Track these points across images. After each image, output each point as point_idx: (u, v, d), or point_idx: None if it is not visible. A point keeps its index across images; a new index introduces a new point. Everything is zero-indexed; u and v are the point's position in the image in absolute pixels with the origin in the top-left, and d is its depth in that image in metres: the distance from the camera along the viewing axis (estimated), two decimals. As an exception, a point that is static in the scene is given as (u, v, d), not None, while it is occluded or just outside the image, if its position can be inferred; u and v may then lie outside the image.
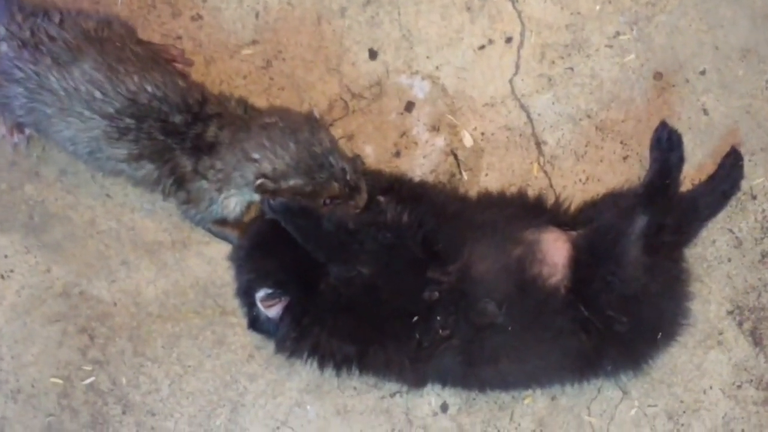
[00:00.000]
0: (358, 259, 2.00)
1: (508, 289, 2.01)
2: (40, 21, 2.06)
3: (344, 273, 2.01)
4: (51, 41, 2.03)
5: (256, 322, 2.14)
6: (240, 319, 2.28)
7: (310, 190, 2.02)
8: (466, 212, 2.15)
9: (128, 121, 2.04)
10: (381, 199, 2.12)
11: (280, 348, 2.15)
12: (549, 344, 2.04)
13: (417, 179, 2.29)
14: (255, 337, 2.30)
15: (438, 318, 2.01)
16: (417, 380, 2.16)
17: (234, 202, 2.14)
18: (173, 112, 2.06)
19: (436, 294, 2.01)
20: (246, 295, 2.14)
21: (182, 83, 2.11)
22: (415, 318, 2.01)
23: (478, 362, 2.07)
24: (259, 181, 2.00)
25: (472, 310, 2.00)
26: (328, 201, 2.04)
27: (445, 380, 2.18)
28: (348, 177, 2.04)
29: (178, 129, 2.07)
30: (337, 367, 2.12)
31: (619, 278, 1.99)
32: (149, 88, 2.04)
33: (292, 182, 2.01)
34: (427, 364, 2.07)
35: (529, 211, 2.18)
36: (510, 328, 2.00)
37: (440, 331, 2.02)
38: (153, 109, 2.05)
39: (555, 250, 2.06)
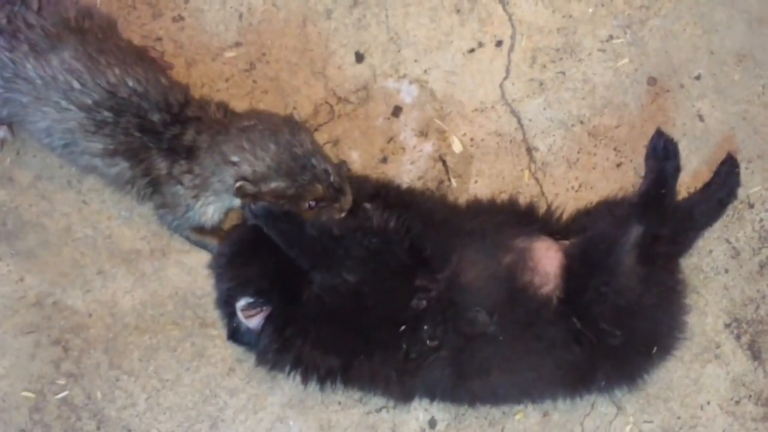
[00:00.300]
0: (343, 265, 1.93)
1: (499, 298, 1.94)
2: (18, 8, 1.99)
3: (329, 280, 1.94)
4: (29, 28, 1.97)
5: (236, 334, 2.06)
6: (220, 331, 2.20)
7: (292, 193, 1.95)
8: (455, 219, 2.09)
9: (106, 114, 1.98)
10: (367, 205, 2.05)
11: (261, 360, 2.07)
12: (541, 356, 1.97)
13: (404, 186, 2.22)
14: (236, 350, 2.21)
15: (426, 328, 1.94)
16: (404, 394, 2.08)
17: (212, 209, 2.07)
18: (152, 109, 1.99)
19: (424, 303, 1.94)
20: (226, 304, 2.06)
21: (165, 81, 2.05)
22: (403, 327, 1.94)
23: (468, 374, 1.99)
24: (238, 184, 1.93)
25: (462, 319, 1.94)
26: (312, 204, 1.97)
27: (433, 394, 2.10)
28: (331, 179, 1.97)
29: (155, 128, 2.00)
30: (321, 381, 2.05)
31: (613, 289, 1.92)
32: (130, 83, 1.98)
33: (273, 185, 1.94)
34: (414, 376, 2.00)
35: (519, 218, 2.11)
36: (501, 338, 1.93)
37: (428, 341, 1.95)
38: (132, 105, 1.98)
39: (547, 259, 1.99)
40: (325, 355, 2.00)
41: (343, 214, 2.00)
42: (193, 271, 2.24)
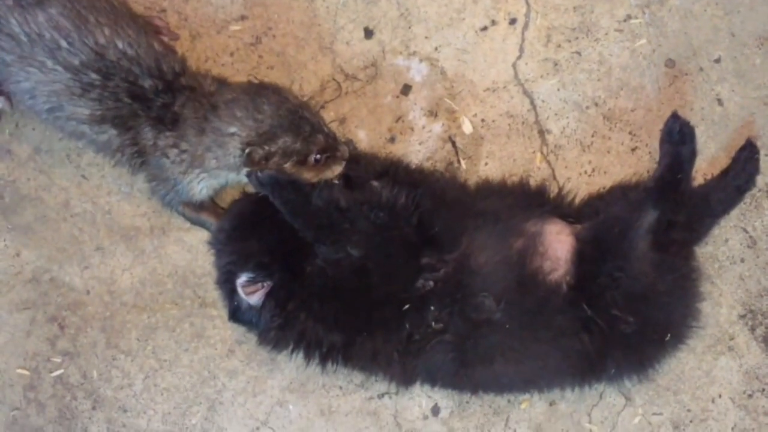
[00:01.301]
0: (348, 239, 1.88)
1: (508, 283, 1.88)
2: None
3: (333, 254, 1.89)
4: None
5: (237, 312, 2.00)
6: (220, 312, 2.15)
7: (299, 148, 1.90)
8: (466, 200, 2.03)
9: (93, 76, 1.89)
10: (375, 183, 1.98)
11: (263, 339, 2.01)
12: (548, 345, 1.91)
13: (414, 165, 2.16)
14: (236, 331, 2.16)
15: (432, 308, 1.88)
16: (405, 377, 2.02)
17: (201, 186, 2.01)
18: (143, 75, 1.91)
19: (431, 283, 1.88)
20: (226, 282, 2.00)
21: (159, 47, 1.97)
22: (407, 306, 1.88)
23: (471, 361, 1.93)
24: (248, 150, 1.87)
25: (468, 304, 1.88)
26: (318, 157, 1.92)
27: (435, 379, 2.04)
28: (326, 129, 1.93)
29: (146, 94, 1.92)
30: (323, 359, 1.99)
31: (627, 274, 1.86)
32: (120, 44, 1.90)
33: (280, 142, 1.88)
34: (417, 359, 1.94)
35: (531, 200, 2.05)
36: (507, 326, 1.88)
37: (433, 323, 1.89)
38: (122, 68, 1.90)
39: (558, 243, 1.93)
40: (328, 330, 1.94)
41: (343, 165, 1.95)
42: (193, 249, 2.18)
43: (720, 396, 2.19)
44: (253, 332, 2.06)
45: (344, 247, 1.88)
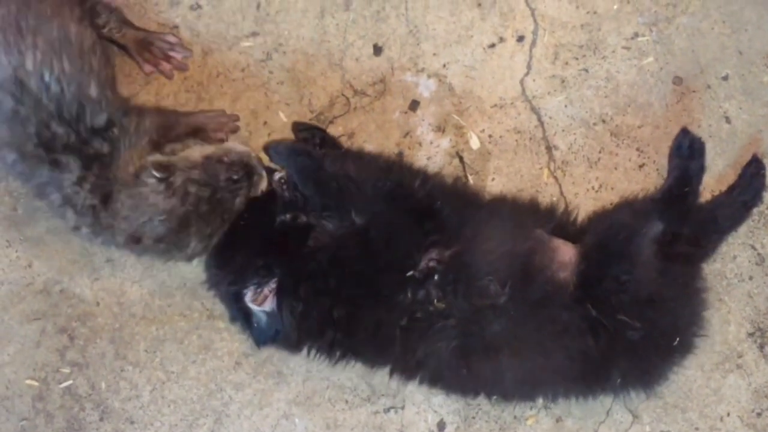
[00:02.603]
0: (354, 205, 1.92)
1: (513, 271, 1.88)
2: None
3: (337, 223, 1.93)
4: None
5: (260, 332, 2.01)
6: (228, 324, 2.16)
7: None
8: (476, 198, 2.09)
9: (6, 98, 1.71)
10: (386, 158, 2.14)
11: (288, 337, 2.01)
12: (553, 341, 1.88)
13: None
14: (243, 344, 2.17)
15: (435, 288, 1.88)
16: (406, 365, 1.99)
17: None
18: (61, 119, 1.72)
19: (435, 262, 1.89)
20: (239, 309, 2.01)
21: (97, 93, 1.78)
22: (410, 273, 1.88)
23: (474, 352, 1.90)
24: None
25: (473, 286, 1.87)
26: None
27: (435, 376, 2.01)
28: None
29: (54, 144, 1.75)
30: (331, 345, 2.00)
31: (633, 278, 1.86)
32: (47, 77, 1.70)
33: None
34: (418, 341, 1.92)
35: (539, 215, 2.07)
36: (512, 314, 1.86)
37: (436, 301, 1.88)
38: (38, 103, 1.71)
39: (565, 247, 1.95)
40: (334, 302, 1.94)
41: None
42: (201, 262, 2.20)
43: (728, 414, 2.17)
44: (284, 344, 2.06)
45: (349, 215, 1.92)
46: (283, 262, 1.94)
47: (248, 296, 1.96)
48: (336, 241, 1.92)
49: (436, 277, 1.88)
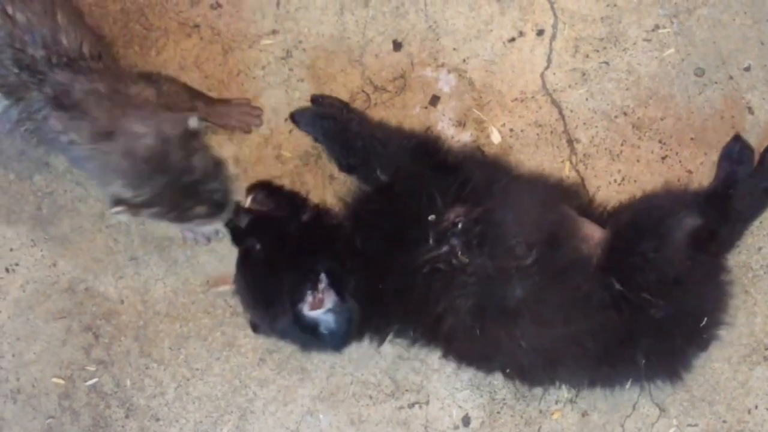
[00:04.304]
0: (379, 162, 1.98)
1: (540, 237, 1.87)
2: None
3: (363, 177, 2.02)
4: None
5: (335, 334, 1.92)
6: (251, 321, 2.16)
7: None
8: (506, 168, 2.11)
9: None
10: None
11: (366, 319, 1.95)
12: (575, 310, 1.85)
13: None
14: (266, 340, 2.17)
15: (461, 227, 1.87)
16: (428, 317, 1.92)
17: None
18: (35, 44, 1.72)
19: (462, 215, 1.89)
20: (304, 330, 1.91)
21: (73, 27, 1.77)
22: (432, 217, 1.90)
23: (492, 314, 1.86)
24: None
25: (500, 246, 1.86)
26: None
27: (450, 336, 1.93)
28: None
29: (36, 65, 1.73)
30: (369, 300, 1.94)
31: (661, 257, 1.85)
32: (9, 9, 1.71)
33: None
34: (440, 294, 1.87)
35: (567, 192, 2.11)
36: (536, 279, 1.84)
37: (459, 254, 1.86)
38: (8, 34, 1.72)
39: (590, 226, 1.97)
40: (365, 252, 1.92)
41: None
42: (225, 259, 2.21)
43: (756, 407, 2.15)
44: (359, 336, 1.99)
45: (374, 173, 1.98)
46: (320, 255, 1.90)
47: (306, 307, 1.86)
48: (357, 203, 1.99)
49: (459, 226, 1.87)
